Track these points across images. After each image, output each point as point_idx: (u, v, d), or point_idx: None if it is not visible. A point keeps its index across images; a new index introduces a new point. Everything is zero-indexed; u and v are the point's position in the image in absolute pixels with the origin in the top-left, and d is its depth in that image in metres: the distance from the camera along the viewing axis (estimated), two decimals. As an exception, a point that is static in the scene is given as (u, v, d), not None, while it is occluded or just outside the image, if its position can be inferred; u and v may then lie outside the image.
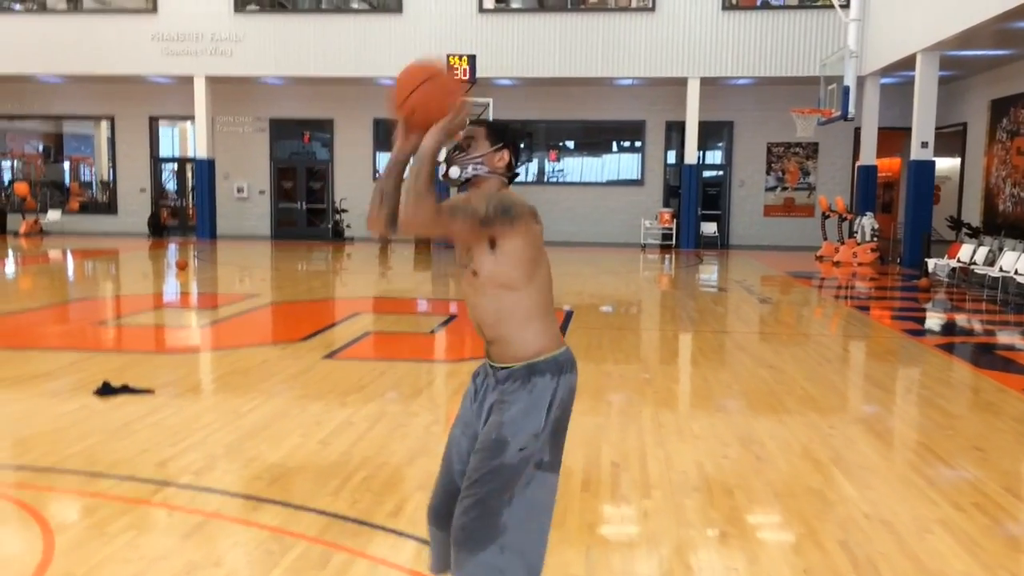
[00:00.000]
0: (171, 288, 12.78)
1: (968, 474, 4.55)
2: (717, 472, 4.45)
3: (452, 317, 9.79)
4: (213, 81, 20.63)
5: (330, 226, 22.05)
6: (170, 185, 24.19)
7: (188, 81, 20.57)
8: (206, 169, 20.70)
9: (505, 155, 2.53)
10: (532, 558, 2.45)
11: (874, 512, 3.92)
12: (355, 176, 22.42)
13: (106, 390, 5.89)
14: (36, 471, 4.42)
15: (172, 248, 19.04)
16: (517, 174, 2.60)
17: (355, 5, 22.45)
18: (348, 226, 21.74)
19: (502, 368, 2.51)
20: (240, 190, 22.69)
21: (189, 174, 23.35)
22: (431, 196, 2.29)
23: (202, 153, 20.65)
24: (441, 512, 2.58)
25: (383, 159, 22.66)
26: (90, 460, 4.54)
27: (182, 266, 14.72)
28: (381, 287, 13.63)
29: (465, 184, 2.51)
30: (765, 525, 3.88)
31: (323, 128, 22.75)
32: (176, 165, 24.10)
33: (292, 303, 10.91)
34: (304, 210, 22.95)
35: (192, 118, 21.20)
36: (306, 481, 4.30)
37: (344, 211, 21.79)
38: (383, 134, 22.55)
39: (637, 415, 5.55)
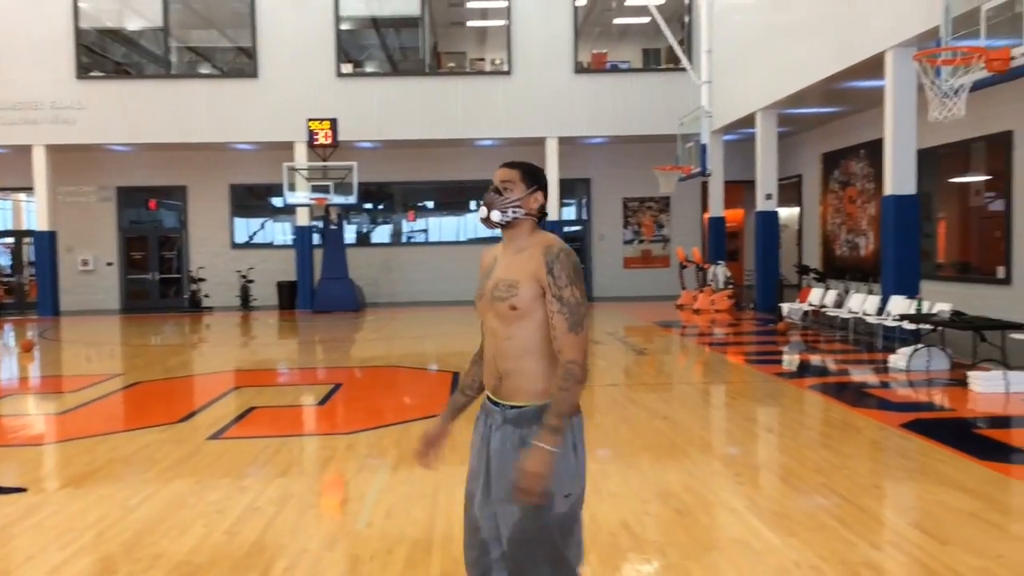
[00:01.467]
0: (19, 371, 11.83)
1: (875, 513, 4.77)
2: (643, 531, 4.47)
3: (337, 386, 9.51)
4: (54, 150, 19.59)
5: (187, 296, 21.13)
6: (3, 260, 22.60)
7: (26, 151, 19.43)
8: (47, 242, 19.50)
9: (539, 196, 2.67)
10: None
11: (803, 559, 4.03)
12: (212, 244, 21.67)
13: (-28, 492, 5.36)
14: (-95, 593, 3.94)
15: (9, 328, 17.69)
16: (547, 213, 2.73)
17: (204, 70, 21.96)
18: (206, 296, 20.92)
19: (512, 407, 2.58)
20: (85, 262, 21.45)
21: (26, 248, 21.92)
22: (584, 371, 2.54)
23: (42, 225, 19.45)
24: (479, 564, 2.66)
25: (240, 225, 22.07)
26: (-31, 574, 4.08)
27: (27, 347, 13.69)
28: (253, 358, 13.12)
29: (505, 226, 2.63)
30: (703, 581, 3.92)
31: (176, 195, 21.91)
32: (12, 239, 22.56)
33: (161, 381, 10.31)
34: (157, 281, 21.91)
35: (30, 189, 19.98)
36: (222, 577, 4.02)
37: (201, 280, 20.96)
38: (239, 199, 21.97)
39: (551, 477, 5.52)
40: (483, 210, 2.65)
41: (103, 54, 21.26)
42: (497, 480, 2.58)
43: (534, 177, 2.67)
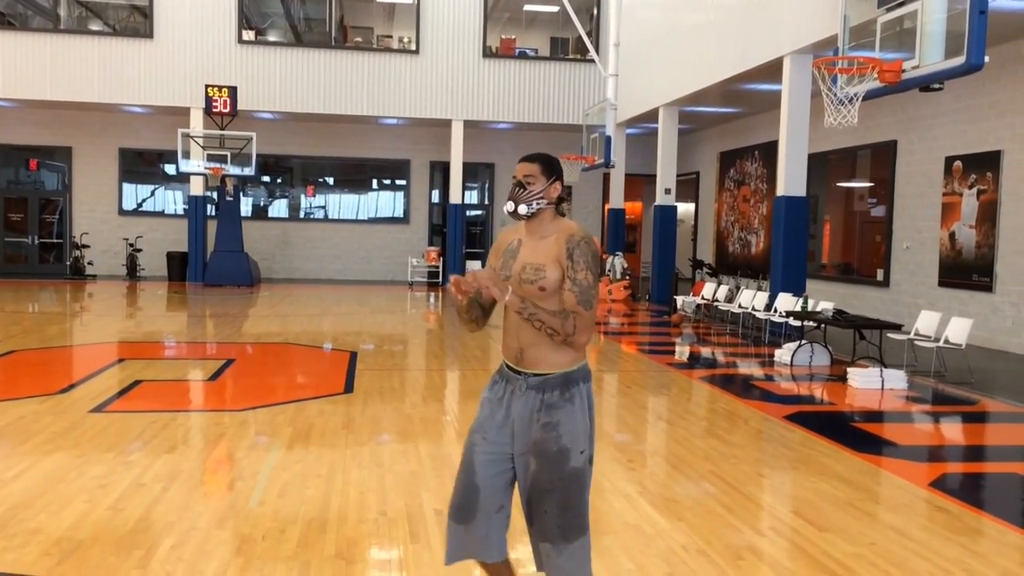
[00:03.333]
0: None
1: (759, 500, 4.97)
2: (539, 513, 4.52)
3: (229, 362, 9.26)
4: (-75, 100, 18.35)
5: (68, 263, 20.17)
6: None
7: None
8: (-85, 198, 18.25)
9: (558, 186, 2.92)
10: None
11: (691, 543, 4.17)
12: (98, 209, 20.75)
13: None
14: None
15: None
16: (564, 198, 2.98)
17: (95, 27, 20.94)
18: (90, 263, 20.01)
19: (534, 375, 2.83)
20: (-43, 222, 20.22)
21: None
22: (574, 328, 2.74)
23: (-90, 180, 18.20)
24: (464, 509, 2.89)
25: (129, 191, 21.20)
26: None
27: None
28: (139, 330, 12.64)
29: (530, 217, 2.89)
30: (596, 562, 3.99)
31: (60, 156, 20.84)
32: None
33: (39, 350, 9.83)
34: (36, 245, 20.83)
35: None
36: (104, 554, 3.86)
37: (85, 247, 20.03)
38: (129, 164, 21.09)
39: (448, 459, 5.54)
40: (510, 204, 2.90)
41: (-16, 3, 20.01)
42: (520, 438, 2.86)
43: (552, 168, 2.92)
